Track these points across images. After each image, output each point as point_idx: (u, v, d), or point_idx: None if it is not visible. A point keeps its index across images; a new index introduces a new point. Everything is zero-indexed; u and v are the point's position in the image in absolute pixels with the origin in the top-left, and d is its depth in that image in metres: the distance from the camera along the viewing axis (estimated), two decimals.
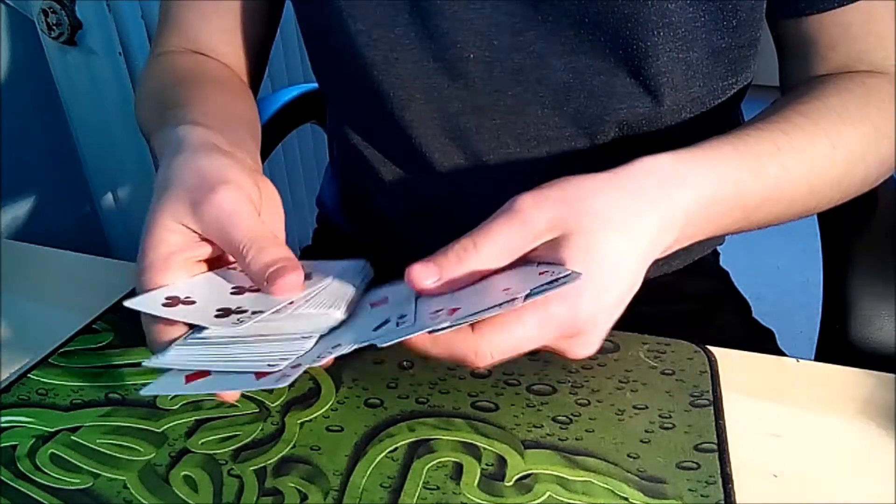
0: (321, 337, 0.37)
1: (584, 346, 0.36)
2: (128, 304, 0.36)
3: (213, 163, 0.39)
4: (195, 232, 0.38)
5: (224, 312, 0.36)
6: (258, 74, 0.63)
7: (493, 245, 0.35)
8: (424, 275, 0.35)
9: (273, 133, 0.82)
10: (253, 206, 0.39)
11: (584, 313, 0.35)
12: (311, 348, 0.35)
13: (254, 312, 0.36)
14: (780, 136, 0.42)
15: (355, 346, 0.34)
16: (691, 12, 0.45)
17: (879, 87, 0.46)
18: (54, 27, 0.99)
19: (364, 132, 0.57)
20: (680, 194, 0.38)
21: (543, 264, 0.35)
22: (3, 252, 0.59)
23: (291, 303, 0.37)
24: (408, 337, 0.33)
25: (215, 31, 0.58)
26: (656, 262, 0.57)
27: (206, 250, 0.39)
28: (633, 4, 0.44)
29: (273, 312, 0.36)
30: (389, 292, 0.40)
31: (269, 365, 0.34)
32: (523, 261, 0.36)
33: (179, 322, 0.36)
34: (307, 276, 0.40)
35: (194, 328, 0.37)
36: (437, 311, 0.34)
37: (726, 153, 0.40)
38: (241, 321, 0.35)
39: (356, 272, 0.42)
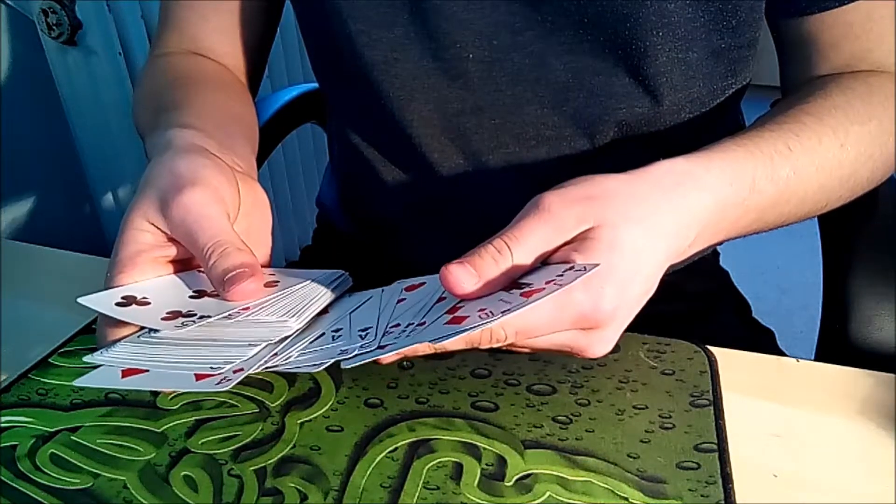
0: (271, 345, 0.36)
1: (602, 343, 0.36)
2: (81, 300, 0.36)
3: (188, 163, 0.39)
4: (164, 232, 0.38)
5: (173, 315, 0.36)
6: (258, 75, 0.63)
7: (525, 245, 0.35)
8: (464, 277, 0.34)
9: (273, 133, 0.82)
10: (223, 208, 0.39)
11: (608, 304, 0.34)
12: (256, 354, 0.35)
13: (201, 317, 0.36)
14: (790, 138, 0.42)
15: (314, 363, 0.34)
16: (690, 12, 0.45)
17: (882, 84, 0.46)
18: (54, 27, 0.99)
19: (364, 132, 0.57)
20: (697, 197, 0.38)
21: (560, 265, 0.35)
22: (3, 252, 0.59)
23: (246, 308, 0.37)
24: (373, 358, 0.33)
25: (214, 32, 0.58)
26: None
27: (174, 251, 0.39)
28: (632, 4, 0.44)
29: (223, 317, 0.36)
30: (366, 302, 0.40)
31: (211, 368, 0.34)
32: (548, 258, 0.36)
33: (130, 323, 0.37)
34: (273, 284, 0.40)
35: (147, 329, 0.37)
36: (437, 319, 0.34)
37: (741, 156, 0.40)
38: (185, 324, 0.35)
39: (327, 282, 0.41)
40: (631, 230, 0.35)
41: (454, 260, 0.34)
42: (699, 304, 0.59)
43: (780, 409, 0.40)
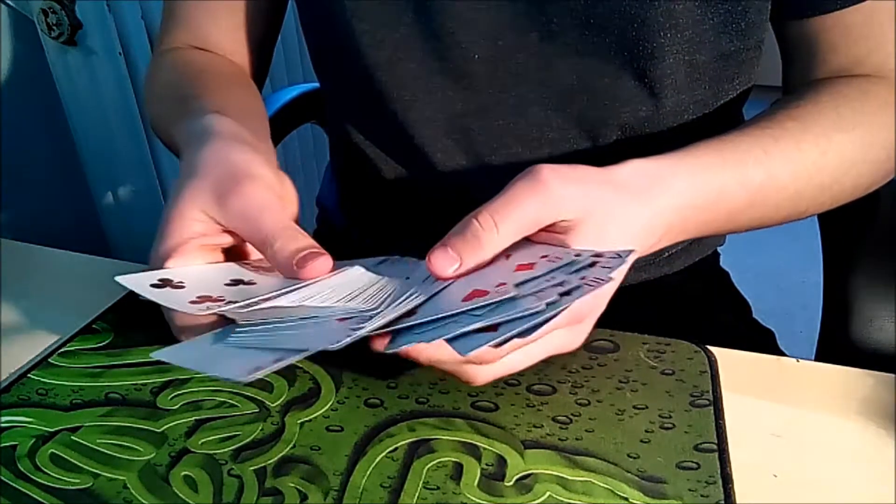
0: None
1: (581, 336, 0.37)
2: (119, 279, 0.36)
3: (241, 156, 0.39)
4: (218, 223, 0.38)
5: (201, 300, 0.36)
6: (262, 73, 0.63)
7: (514, 221, 0.35)
8: (445, 263, 0.34)
9: (273, 133, 0.81)
10: (280, 202, 0.39)
11: (589, 300, 0.35)
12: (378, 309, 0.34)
13: (228, 302, 0.35)
14: (769, 142, 0.42)
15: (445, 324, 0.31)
16: (699, 14, 0.44)
17: (877, 93, 0.46)
18: (54, 27, 0.99)
19: (366, 132, 0.57)
20: (666, 201, 0.38)
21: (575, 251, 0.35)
22: (3, 252, 0.59)
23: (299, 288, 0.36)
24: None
25: (222, 30, 0.58)
26: (657, 263, 0.57)
27: (226, 240, 0.39)
28: (641, 5, 0.44)
29: (301, 287, 0.35)
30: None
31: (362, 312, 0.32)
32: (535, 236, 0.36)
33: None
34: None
35: (228, 325, 0.36)
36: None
37: (712, 160, 0.40)
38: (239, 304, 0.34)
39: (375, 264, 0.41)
40: (612, 229, 0.36)
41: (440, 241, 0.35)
42: (699, 305, 0.59)
43: (780, 409, 0.40)
